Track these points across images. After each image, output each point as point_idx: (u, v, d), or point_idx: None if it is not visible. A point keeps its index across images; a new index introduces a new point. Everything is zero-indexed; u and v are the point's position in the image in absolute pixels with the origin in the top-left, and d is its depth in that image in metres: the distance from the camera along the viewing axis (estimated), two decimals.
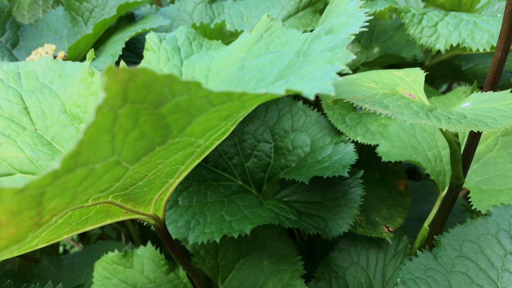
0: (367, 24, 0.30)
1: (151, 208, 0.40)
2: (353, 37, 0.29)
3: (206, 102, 0.23)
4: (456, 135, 0.44)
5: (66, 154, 0.19)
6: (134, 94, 0.20)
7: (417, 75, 0.46)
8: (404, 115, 0.35)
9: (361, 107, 0.37)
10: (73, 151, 0.19)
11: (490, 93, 0.43)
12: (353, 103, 0.38)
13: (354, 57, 0.26)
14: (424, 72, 0.48)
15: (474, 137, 0.48)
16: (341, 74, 0.79)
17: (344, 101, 0.38)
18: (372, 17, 0.40)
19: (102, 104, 0.19)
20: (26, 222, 0.23)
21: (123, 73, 0.19)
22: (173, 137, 0.25)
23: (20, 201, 0.20)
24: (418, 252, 0.43)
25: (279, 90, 0.23)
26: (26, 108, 0.48)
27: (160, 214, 0.42)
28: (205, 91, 0.21)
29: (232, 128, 0.39)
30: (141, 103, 0.21)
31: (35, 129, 0.48)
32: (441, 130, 0.39)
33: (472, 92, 0.59)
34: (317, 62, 0.28)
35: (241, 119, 0.39)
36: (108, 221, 0.38)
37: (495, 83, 0.44)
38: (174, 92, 0.21)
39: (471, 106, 0.41)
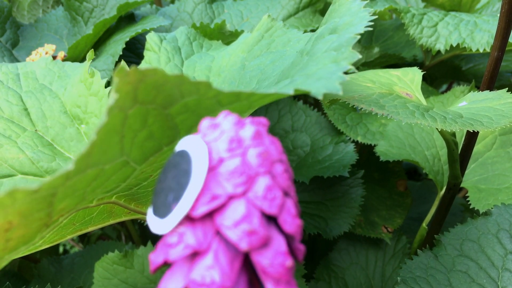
0: (372, 23, 0.30)
1: None
2: (359, 36, 0.28)
3: (215, 102, 0.23)
4: (454, 134, 0.44)
5: (79, 155, 0.19)
6: (144, 95, 0.20)
7: (414, 75, 0.46)
8: (400, 115, 0.35)
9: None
10: (86, 152, 0.19)
11: (487, 92, 0.43)
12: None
13: (360, 56, 0.26)
14: (424, 72, 0.48)
15: (471, 136, 0.48)
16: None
17: (340, 101, 0.38)
18: (376, 16, 0.40)
19: (113, 105, 0.19)
20: (36, 223, 0.23)
21: (133, 74, 0.19)
22: (181, 137, 0.25)
23: (32, 202, 0.20)
24: (419, 251, 0.43)
25: (288, 90, 0.23)
26: (26, 109, 0.48)
27: None
28: (214, 91, 0.21)
29: None
30: (150, 104, 0.21)
31: (36, 130, 0.48)
32: (437, 129, 0.39)
33: (469, 91, 0.59)
34: (322, 62, 0.28)
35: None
36: (111, 221, 0.38)
37: (492, 83, 0.44)
38: (184, 92, 0.21)
39: (468, 105, 0.41)
